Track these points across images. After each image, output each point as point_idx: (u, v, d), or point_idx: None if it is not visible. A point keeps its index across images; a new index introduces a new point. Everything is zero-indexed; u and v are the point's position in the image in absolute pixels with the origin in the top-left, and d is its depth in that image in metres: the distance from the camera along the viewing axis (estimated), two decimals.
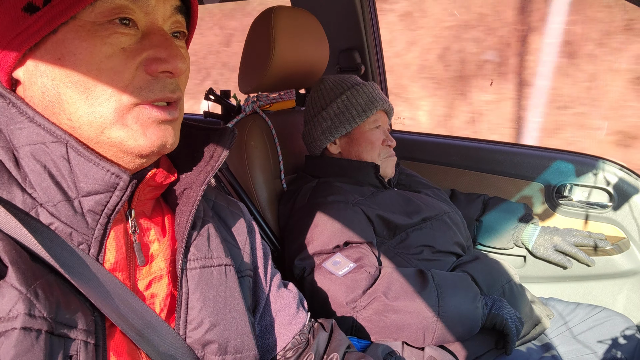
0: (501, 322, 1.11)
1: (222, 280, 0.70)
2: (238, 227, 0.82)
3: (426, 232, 1.30)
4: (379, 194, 1.34)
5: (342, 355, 0.85)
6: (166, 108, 0.60)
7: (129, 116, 0.57)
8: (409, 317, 1.10)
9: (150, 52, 0.57)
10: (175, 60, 0.58)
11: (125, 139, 0.57)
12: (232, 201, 0.86)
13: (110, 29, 0.55)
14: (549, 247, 1.46)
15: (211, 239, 0.72)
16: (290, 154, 1.57)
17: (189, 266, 0.67)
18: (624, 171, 1.52)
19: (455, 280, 1.17)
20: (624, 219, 1.50)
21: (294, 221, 1.31)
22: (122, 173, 0.58)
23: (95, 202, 0.58)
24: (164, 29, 0.60)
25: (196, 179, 0.70)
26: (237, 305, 0.72)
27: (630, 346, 1.27)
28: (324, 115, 1.41)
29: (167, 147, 0.61)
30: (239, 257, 0.79)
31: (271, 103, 1.62)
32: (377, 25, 1.93)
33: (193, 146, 0.72)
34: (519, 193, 1.68)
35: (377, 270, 1.18)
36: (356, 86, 1.41)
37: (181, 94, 0.63)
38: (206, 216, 0.75)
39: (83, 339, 0.54)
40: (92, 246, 0.59)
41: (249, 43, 1.51)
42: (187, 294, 0.66)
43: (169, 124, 0.61)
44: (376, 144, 1.40)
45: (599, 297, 1.54)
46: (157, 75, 0.58)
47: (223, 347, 0.68)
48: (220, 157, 0.71)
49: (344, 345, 0.87)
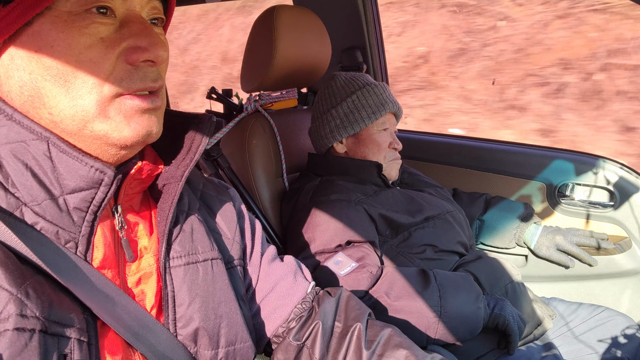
0: (503, 322, 1.11)
1: (209, 275, 0.69)
2: (228, 215, 0.80)
3: (429, 231, 1.30)
4: (381, 192, 1.34)
5: (365, 325, 0.79)
6: (148, 97, 0.58)
7: (111, 108, 0.56)
8: (410, 317, 1.10)
9: (130, 41, 0.56)
10: (156, 49, 0.56)
11: (110, 132, 0.56)
12: (222, 188, 0.85)
13: (87, 18, 0.53)
14: (551, 246, 1.45)
15: (195, 233, 0.71)
16: (292, 153, 1.57)
17: (173, 264, 0.66)
18: (625, 170, 1.52)
19: (457, 280, 1.17)
20: (625, 218, 1.50)
21: (296, 220, 1.31)
22: (106, 168, 0.57)
23: (80, 199, 0.57)
24: (143, 16, 0.59)
25: (174, 174, 0.68)
26: (227, 298, 0.71)
27: (632, 346, 1.27)
28: (333, 114, 1.41)
29: (152, 136, 0.60)
30: (229, 246, 0.78)
31: (273, 102, 1.62)
32: (379, 24, 1.93)
33: (172, 135, 0.71)
34: (520, 192, 1.67)
35: (379, 269, 1.18)
36: (367, 86, 1.39)
37: (163, 82, 0.61)
38: (191, 209, 0.73)
39: (77, 337, 0.53)
40: (80, 244, 0.58)
41: (251, 42, 1.51)
42: (172, 292, 0.65)
43: (153, 112, 0.60)
44: (383, 146, 1.40)
45: (601, 297, 1.54)
46: (138, 64, 0.57)
47: (214, 341, 0.68)
48: (198, 148, 0.69)
49: (365, 313, 0.82)
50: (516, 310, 1.16)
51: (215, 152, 1.42)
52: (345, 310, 0.82)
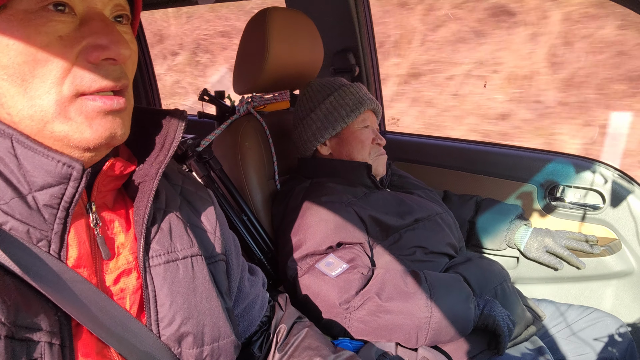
0: (493, 322, 1.12)
1: (189, 273, 0.68)
2: (208, 211, 0.80)
3: (419, 233, 1.30)
4: (371, 194, 1.34)
5: (290, 326, 0.89)
6: (112, 97, 0.57)
7: (72, 108, 0.54)
8: (402, 318, 1.10)
9: (90, 39, 0.54)
10: (118, 47, 0.55)
11: (70, 133, 0.55)
12: (201, 186, 0.85)
13: (44, 16, 0.52)
14: (540, 248, 1.46)
15: (174, 231, 0.70)
16: (284, 155, 1.57)
17: (152, 263, 0.65)
18: (616, 173, 1.53)
19: (447, 281, 1.17)
20: (615, 220, 1.51)
21: (287, 222, 1.31)
22: (74, 162, 0.56)
23: (50, 196, 0.56)
24: (104, 14, 0.57)
25: (149, 172, 0.67)
26: (208, 294, 0.70)
27: (622, 346, 1.28)
28: (313, 117, 1.42)
29: (117, 139, 0.59)
30: (211, 241, 0.77)
31: (265, 104, 1.62)
32: (371, 27, 1.94)
33: (145, 133, 0.69)
34: (511, 194, 1.68)
35: (370, 271, 1.18)
36: (343, 87, 1.42)
37: (127, 81, 0.60)
38: (169, 206, 0.72)
39: (47, 341, 0.52)
40: (53, 242, 0.56)
41: (244, 44, 1.51)
42: (154, 291, 0.64)
43: (117, 114, 0.58)
44: (366, 143, 1.41)
45: (591, 298, 1.55)
46: (100, 63, 0.55)
47: (199, 339, 0.67)
48: (172, 145, 0.67)
49: (293, 317, 0.91)
50: (506, 311, 1.16)
51: (207, 154, 1.42)
52: (287, 317, 0.92)
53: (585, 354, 1.28)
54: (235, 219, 1.41)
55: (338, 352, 0.80)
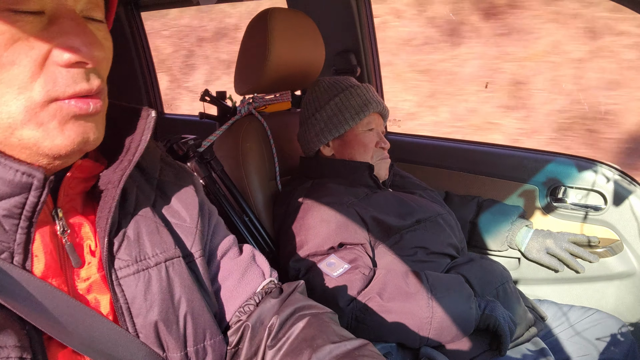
0: (494, 323, 1.12)
1: (163, 279, 0.64)
2: (189, 202, 0.74)
3: (420, 233, 1.30)
4: (373, 195, 1.34)
5: (285, 317, 0.72)
6: (87, 100, 0.53)
7: (44, 114, 0.51)
8: (403, 318, 1.10)
9: (60, 40, 0.50)
10: (90, 49, 0.51)
11: (40, 140, 0.51)
12: (182, 174, 0.78)
13: (9, 16, 0.48)
14: (541, 250, 1.46)
15: (143, 236, 0.65)
16: (285, 156, 1.57)
17: (121, 275, 0.61)
18: (617, 174, 1.53)
19: (449, 281, 1.17)
20: (617, 221, 1.51)
21: (288, 222, 1.31)
22: (34, 171, 0.52)
23: (10, 206, 0.52)
24: (76, 12, 0.53)
25: (111, 178, 0.62)
26: (188, 296, 0.66)
27: (623, 348, 1.28)
28: (317, 118, 1.41)
29: (90, 143, 0.55)
30: (191, 235, 0.72)
31: (267, 104, 1.62)
32: (372, 27, 1.94)
33: (115, 131, 0.64)
34: (513, 195, 1.68)
35: (372, 271, 1.18)
36: (350, 88, 1.41)
37: (101, 82, 0.56)
38: (139, 208, 0.67)
39: (17, 356, 0.50)
40: (16, 253, 0.53)
41: (245, 44, 1.51)
42: (126, 304, 0.61)
43: (90, 118, 0.54)
44: (369, 146, 1.40)
45: (592, 299, 1.54)
46: (71, 66, 0.51)
47: (181, 342, 0.65)
48: (137, 149, 0.62)
49: (291, 306, 0.74)
50: (507, 312, 1.16)
51: (208, 155, 1.42)
52: (286, 307, 0.76)
53: (588, 354, 1.28)
54: (237, 219, 1.41)
55: (342, 342, 0.65)
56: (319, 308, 0.76)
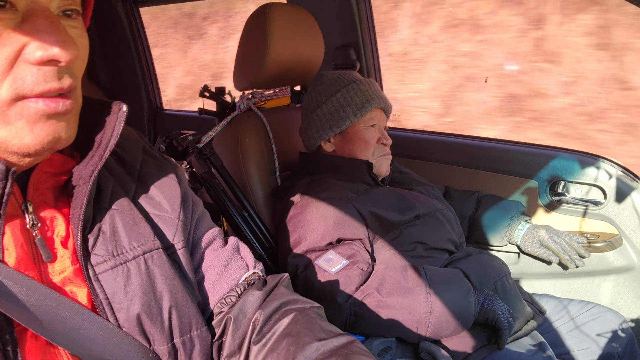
0: (493, 317, 1.12)
1: (143, 272, 0.64)
2: (171, 194, 0.73)
3: (419, 229, 1.30)
4: (372, 191, 1.34)
5: (270, 312, 0.71)
6: (57, 99, 0.52)
7: (12, 112, 0.50)
8: (402, 313, 1.10)
9: (33, 38, 0.49)
10: (64, 47, 0.50)
11: (9, 138, 0.51)
12: (164, 165, 0.77)
13: None
14: (534, 241, 1.46)
15: (119, 230, 0.64)
16: (285, 151, 1.57)
17: (98, 270, 0.61)
18: (617, 168, 1.53)
19: (447, 275, 1.17)
20: (617, 215, 1.51)
21: (287, 218, 1.31)
22: None
23: None
24: (50, 9, 0.52)
25: (82, 174, 0.61)
26: (171, 288, 0.66)
27: (623, 341, 1.28)
28: (319, 113, 1.41)
29: (61, 142, 0.55)
30: (173, 227, 0.71)
31: (266, 100, 1.62)
32: (372, 22, 1.93)
33: (88, 125, 0.63)
34: (513, 190, 1.68)
35: (370, 266, 1.19)
36: (353, 84, 1.39)
37: (74, 81, 0.55)
38: (114, 201, 0.66)
39: None
40: None
41: (244, 40, 1.51)
42: (106, 299, 0.61)
43: (62, 117, 0.54)
44: (370, 142, 1.39)
45: (592, 293, 1.55)
46: (43, 64, 0.50)
47: (167, 334, 0.65)
48: (108, 144, 0.61)
49: (277, 301, 0.73)
50: (506, 306, 1.16)
51: (208, 150, 1.42)
52: (270, 301, 0.74)
53: (587, 348, 1.28)
54: (236, 215, 1.41)
55: (329, 339, 0.64)
56: (305, 302, 0.75)
